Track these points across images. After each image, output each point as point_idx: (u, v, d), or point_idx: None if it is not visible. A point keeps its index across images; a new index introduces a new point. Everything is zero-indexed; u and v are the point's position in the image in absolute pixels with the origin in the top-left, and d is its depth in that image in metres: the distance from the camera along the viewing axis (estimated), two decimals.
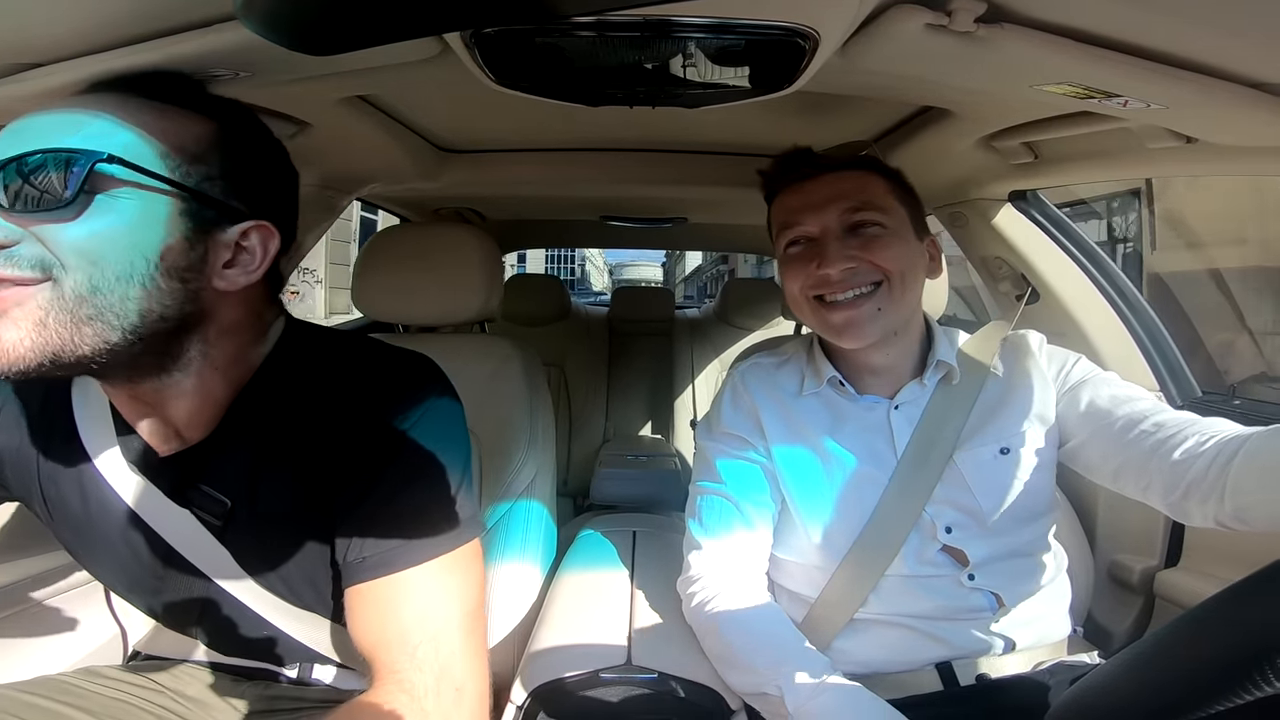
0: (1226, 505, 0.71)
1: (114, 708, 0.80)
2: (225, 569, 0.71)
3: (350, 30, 0.40)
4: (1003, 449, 0.90)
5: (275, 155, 0.70)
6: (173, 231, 0.59)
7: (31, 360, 0.55)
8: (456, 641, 0.64)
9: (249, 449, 0.68)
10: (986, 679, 0.87)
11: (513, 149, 1.51)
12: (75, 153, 0.55)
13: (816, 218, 0.90)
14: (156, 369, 0.63)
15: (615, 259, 43.20)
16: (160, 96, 0.62)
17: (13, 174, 0.54)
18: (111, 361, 0.58)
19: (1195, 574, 1.11)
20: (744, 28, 0.66)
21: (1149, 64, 0.65)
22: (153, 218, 0.58)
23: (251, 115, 0.69)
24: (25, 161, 0.54)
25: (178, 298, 0.60)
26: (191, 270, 0.60)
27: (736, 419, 0.98)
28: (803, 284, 0.91)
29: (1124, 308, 1.30)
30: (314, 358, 0.72)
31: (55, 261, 0.55)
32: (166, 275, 0.59)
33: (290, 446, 0.68)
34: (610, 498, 1.94)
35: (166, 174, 0.58)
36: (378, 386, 0.70)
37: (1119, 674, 0.47)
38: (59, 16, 0.64)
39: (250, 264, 0.65)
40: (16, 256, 0.54)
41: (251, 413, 0.69)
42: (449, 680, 0.62)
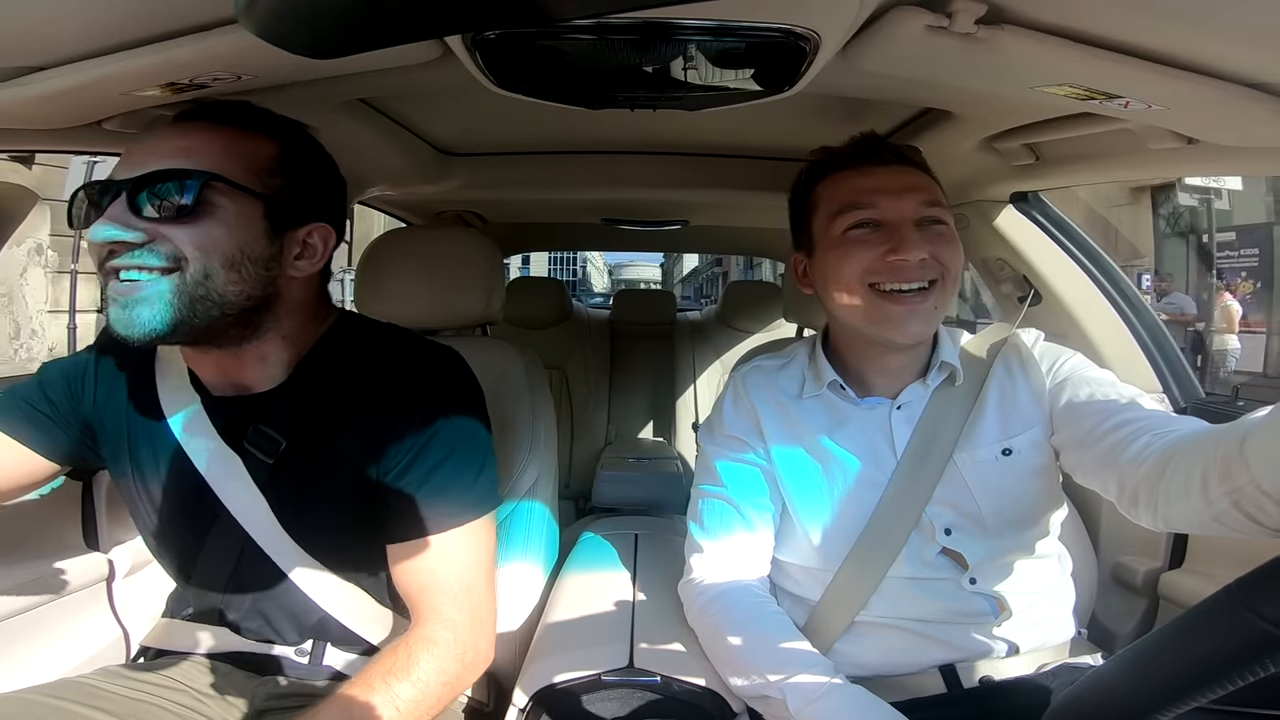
0: (1159, 513, 0.70)
1: (136, 708, 0.80)
2: (262, 521, 0.82)
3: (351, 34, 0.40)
4: (1004, 450, 0.90)
5: (328, 167, 0.86)
6: (258, 231, 0.76)
7: (159, 332, 0.71)
8: (483, 587, 0.82)
9: (305, 403, 0.82)
10: (990, 681, 0.87)
11: (514, 152, 1.52)
12: (191, 173, 0.71)
13: (893, 203, 0.87)
14: (240, 338, 0.79)
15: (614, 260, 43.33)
16: (236, 123, 0.77)
17: (145, 190, 0.70)
18: (211, 331, 0.75)
19: (1199, 575, 1.11)
20: (744, 30, 0.66)
21: (1150, 65, 0.65)
22: (244, 220, 0.75)
23: (307, 135, 0.85)
24: (160, 181, 0.71)
25: (261, 282, 0.77)
26: (271, 261, 0.78)
27: (736, 421, 0.98)
28: (866, 268, 0.87)
29: (1126, 309, 1.30)
30: (362, 338, 0.88)
31: (181, 255, 0.71)
32: (254, 264, 0.76)
33: (340, 406, 0.82)
34: (612, 500, 1.94)
35: (251, 187, 0.75)
36: (421, 366, 0.85)
37: (1117, 672, 0.47)
38: (59, 21, 0.64)
39: (313, 256, 0.82)
40: (152, 252, 0.71)
41: (309, 375, 0.84)
42: (479, 617, 0.81)
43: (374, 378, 0.83)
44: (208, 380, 0.84)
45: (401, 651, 0.76)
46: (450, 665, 0.77)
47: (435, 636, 0.77)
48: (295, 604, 0.85)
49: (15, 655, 1.02)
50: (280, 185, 0.77)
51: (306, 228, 0.81)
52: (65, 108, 0.82)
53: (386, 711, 0.71)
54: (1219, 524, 0.62)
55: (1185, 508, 0.65)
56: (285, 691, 0.84)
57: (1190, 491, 0.63)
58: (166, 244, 0.71)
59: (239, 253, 0.74)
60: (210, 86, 0.76)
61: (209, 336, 0.76)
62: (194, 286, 0.72)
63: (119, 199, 0.71)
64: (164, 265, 0.71)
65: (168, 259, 0.71)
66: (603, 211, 2.14)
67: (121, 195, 0.71)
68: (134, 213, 0.70)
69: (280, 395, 0.83)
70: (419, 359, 0.86)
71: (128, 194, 0.71)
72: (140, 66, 0.69)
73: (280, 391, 0.83)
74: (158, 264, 0.71)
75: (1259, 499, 0.56)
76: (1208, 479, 0.61)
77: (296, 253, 0.80)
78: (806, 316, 1.47)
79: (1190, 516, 0.65)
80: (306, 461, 0.81)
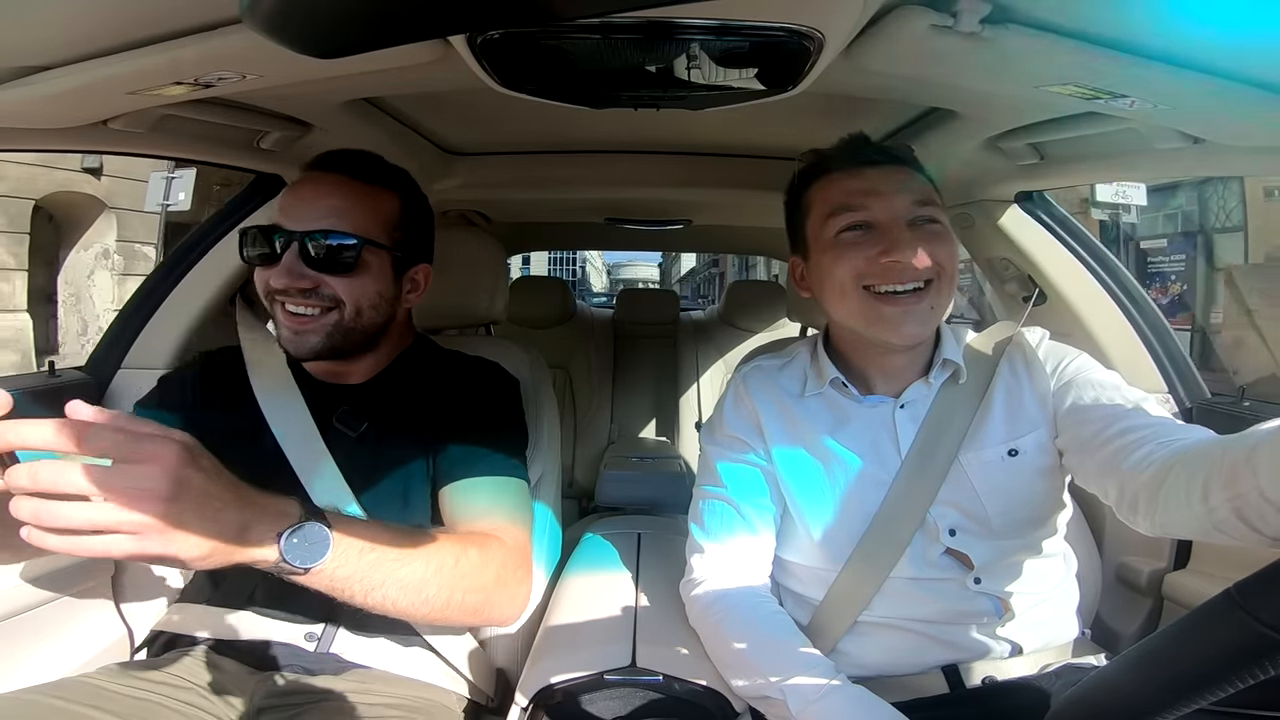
0: (1157, 520, 0.70)
1: (137, 706, 0.81)
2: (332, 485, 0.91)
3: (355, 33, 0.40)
4: (1010, 451, 0.90)
5: (429, 214, 1.06)
6: (389, 277, 0.97)
7: (319, 353, 0.93)
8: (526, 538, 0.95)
9: (387, 396, 1.00)
10: (992, 681, 0.87)
11: (518, 151, 1.52)
12: (351, 237, 0.91)
13: (885, 204, 0.87)
14: (362, 351, 0.99)
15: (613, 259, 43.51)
16: (371, 179, 0.96)
17: (313, 247, 0.89)
18: (349, 349, 0.96)
19: (1204, 576, 1.11)
20: (748, 29, 0.66)
21: (1154, 64, 0.65)
22: (380, 269, 0.95)
23: (418, 187, 1.03)
24: (324, 239, 0.90)
25: (386, 313, 0.98)
26: (395, 299, 0.99)
27: (737, 422, 0.98)
28: (859, 269, 0.87)
29: (1131, 309, 1.29)
30: (434, 354, 1.09)
31: (339, 298, 0.92)
32: (385, 302, 0.97)
33: (414, 402, 0.99)
34: (615, 500, 1.94)
35: (386, 243, 0.95)
36: (477, 368, 1.07)
37: (1119, 673, 0.47)
38: (66, 20, 0.64)
39: (418, 290, 1.03)
40: (319, 295, 0.91)
41: (393, 376, 1.03)
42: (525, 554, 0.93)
43: (444, 374, 1.03)
44: (315, 372, 1.02)
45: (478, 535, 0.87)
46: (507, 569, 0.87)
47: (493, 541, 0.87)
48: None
49: (20, 652, 1.03)
50: (400, 238, 0.97)
51: (416, 268, 1.01)
52: (71, 107, 0.83)
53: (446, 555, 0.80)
54: (1218, 531, 0.62)
55: (1185, 514, 0.65)
56: (284, 689, 0.86)
57: (1191, 498, 0.63)
58: (329, 290, 0.91)
59: (378, 296, 0.95)
60: (216, 86, 0.77)
61: (345, 353, 0.96)
62: (349, 321, 0.93)
63: (290, 249, 0.89)
64: (325, 305, 0.92)
65: (329, 300, 0.91)
66: (606, 211, 2.14)
67: (293, 246, 0.89)
68: (305, 263, 0.90)
69: (369, 387, 1.02)
70: (476, 361, 1.08)
71: (299, 247, 0.89)
72: (146, 66, 0.70)
73: (370, 385, 1.02)
74: (321, 304, 0.91)
75: (1261, 506, 0.56)
76: (1210, 486, 0.61)
77: (409, 288, 1.01)
78: (810, 316, 1.47)
79: (1189, 523, 0.66)
80: (381, 440, 0.96)
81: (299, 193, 0.93)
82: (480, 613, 0.86)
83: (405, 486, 0.95)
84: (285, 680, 0.87)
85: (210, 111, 0.99)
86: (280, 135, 1.12)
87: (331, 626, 0.91)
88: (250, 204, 1.36)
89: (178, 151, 1.14)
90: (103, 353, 1.35)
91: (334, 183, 0.93)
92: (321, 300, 0.91)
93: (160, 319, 1.33)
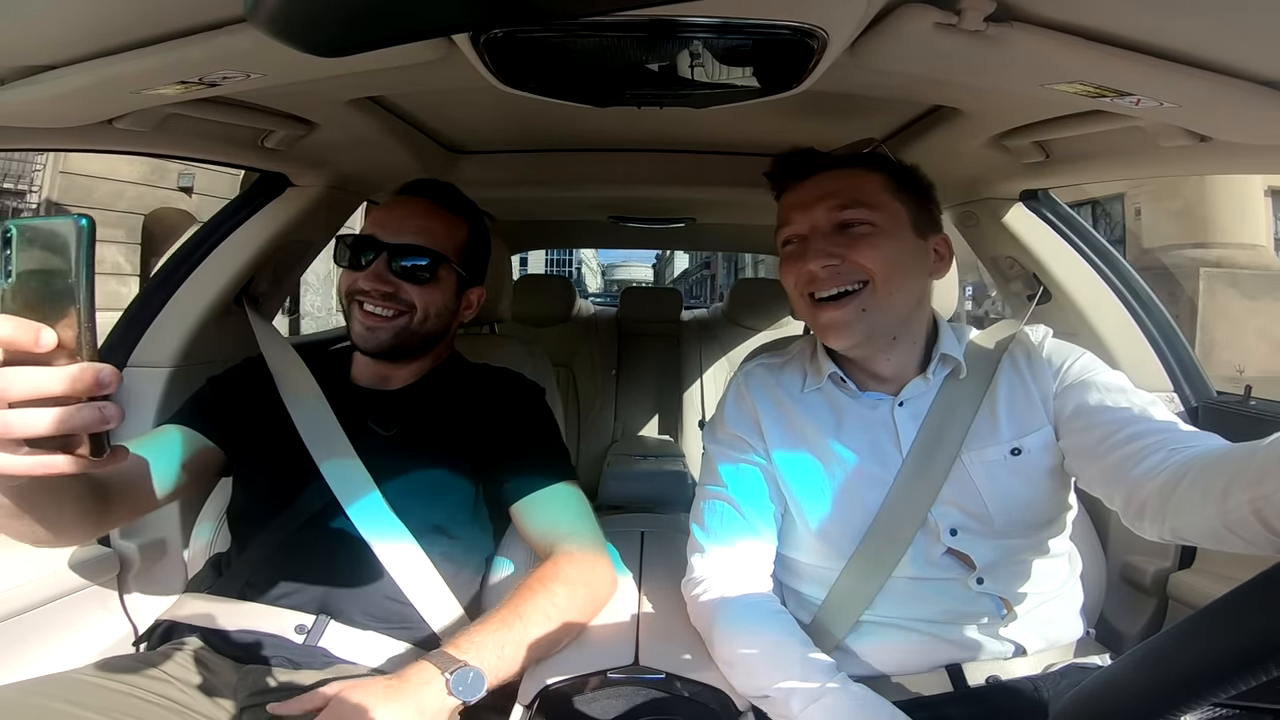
0: (1166, 524, 0.70)
1: (121, 702, 0.82)
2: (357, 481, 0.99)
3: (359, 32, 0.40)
4: (1014, 450, 0.89)
5: (489, 244, 1.19)
6: (452, 294, 1.10)
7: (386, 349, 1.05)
8: (594, 526, 1.02)
9: (424, 401, 1.09)
10: (996, 681, 0.86)
11: (521, 150, 1.52)
12: (432, 254, 1.05)
13: (805, 216, 0.91)
14: (416, 355, 1.10)
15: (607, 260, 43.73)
16: (449, 207, 1.10)
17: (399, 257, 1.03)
18: (409, 351, 1.08)
19: (1209, 576, 1.10)
20: (752, 27, 0.66)
21: (1161, 62, 0.64)
22: (448, 285, 1.08)
23: (480, 215, 1.17)
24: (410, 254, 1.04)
25: (445, 324, 1.10)
26: (454, 313, 1.12)
27: (738, 421, 0.98)
28: (795, 280, 0.92)
29: (1137, 307, 1.29)
30: (467, 365, 1.18)
31: (414, 303, 1.04)
32: (447, 314, 1.10)
33: (449, 403, 1.09)
34: (618, 498, 1.95)
35: (457, 263, 1.08)
36: (513, 378, 1.16)
37: (1127, 672, 0.47)
38: (70, 20, 0.65)
39: (472, 308, 1.15)
40: (396, 300, 1.03)
41: (432, 382, 1.12)
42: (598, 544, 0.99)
43: (481, 383, 1.13)
44: (361, 378, 1.12)
45: (547, 567, 0.92)
46: (588, 575, 0.94)
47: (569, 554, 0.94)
48: (340, 567, 0.96)
49: (25, 650, 1.04)
50: (465, 261, 1.10)
51: (473, 290, 1.14)
52: (77, 106, 0.83)
53: (545, 603, 0.86)
54: (1230, 533, 0.62)
55: (1199, 515, 0.65)
56: (268, 689, 0.87)
57: (1208, 499, 0.63)
58: (406, 295, 1.03)
59: (444, 307, 1.08)
60: (220, 85, 0.77)
61: (405, 353, 1.07)
62: (415, 325, 1.05)
63: (380, 257, 1.02)
64: (400, 309, 1.03)
65: (404, 305, 1.03)
66: (609, 209, 2.14)
67: (383, 254, 1.02)
68: (390, 271, 1.02)
69: (406, 393, 1.10)
70: (507, 380, 1.16)
71: (388, 257, 1.02)
72: (152, 65, 0.70)
73: (406, 390, 1.11)
74: (396, 307, 1.03)
75: None
76: (1233, 486, 0.61)
77: (465, 306, 1.14)
78: None
79: (1201, 525, 0.65)
80: (412, 442, 1.04)
81: (393, 210, 1.07)
82: (587, 622, 0.93)
83: (433, 486, 1.02)
84: (270, 678, 0.88)
85: (214, 110, 0.99)
86: (284, 134, 1.12)
87: (323, 619, 0.93)
88: (253, 203, 1.36)
89: (182, 150, 1.15)
90: (107, 351, 1.35)
91: (423, 206, 1.07)
92: (398, 304, 1.03)
93: (165, 318, 1.34)
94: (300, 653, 0.91)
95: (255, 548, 0.99)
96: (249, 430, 1.07)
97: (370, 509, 0.98)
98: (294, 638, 0.92)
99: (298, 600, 0.95)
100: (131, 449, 0.92)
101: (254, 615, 0.94)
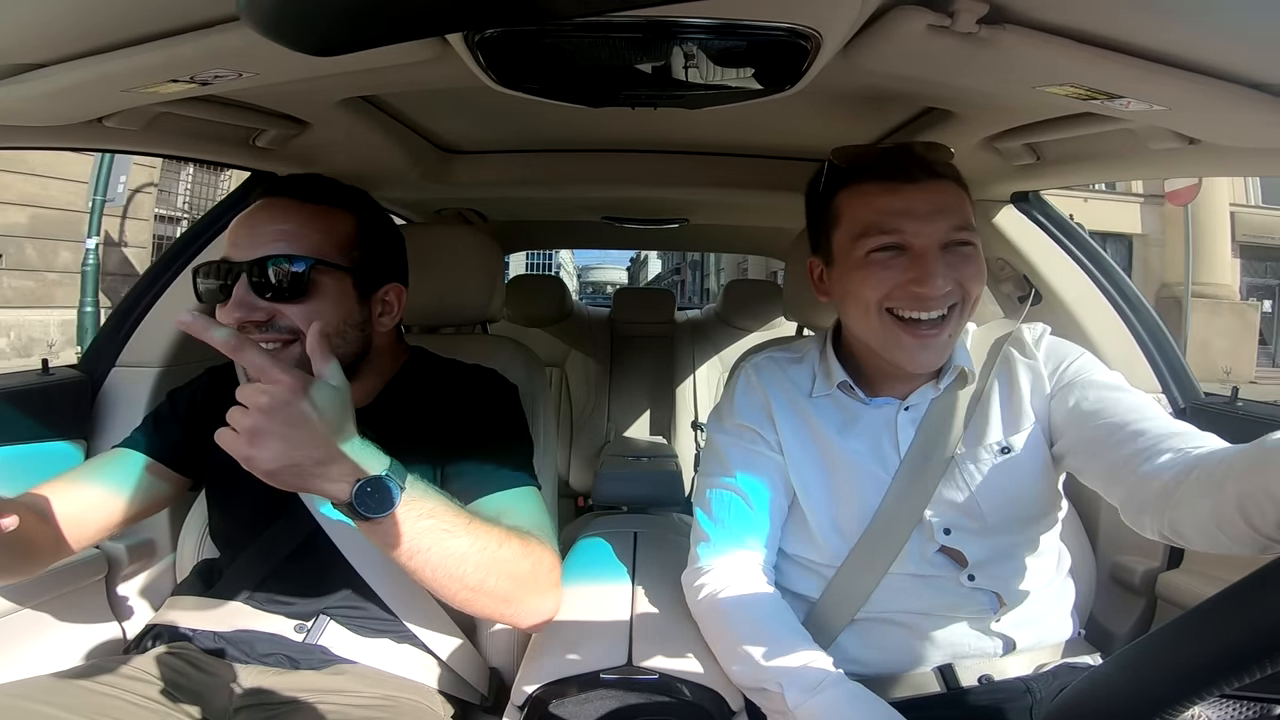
0: (1166, 519, 0.70)
1: (105, 704, 0.80)
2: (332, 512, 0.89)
3: (352, 31, 0.40)
4: (1004, 448, 0.90)
5: (393, 231, 1.01)
6: (351, 301, 0.90)
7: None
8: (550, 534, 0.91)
9: (387, 420, 0.94)
10: (988, 680, 0.87)
11: (515, 150, 1.51)
12: (297, 259, 0.85)
13: (922, 229, 0.83)
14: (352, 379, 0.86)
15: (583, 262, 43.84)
16: (320, 199, 0.90)
17: (261, 275, 0.83)
18: None
19: (1197, 576, 1.11)
20: (746, 28, 0.66)
21: (1151, 65, 0.65)
22: (340, 292, 0.89)
23: (375, 204, 0.99)
24: (271, 265, 0.84)
25: (357, 340, 0.93)
26: (365, 323, 0.93)
27: (749, 411, 0.97)
28: (886, 293, 0.85)
29: (1126, 310, 1.30)
30: (431, 367, 1.05)
31: (296, 328, 0.84)
32: (352, 329, 0.91)
33: (416, 422, 0.96)
34: (611, 499, 1.94)
35: (343, 264, 0.89)
36: (477, 378, 1.04)
37: (1119, 671, 0.47)
38: (60, 17, 0.64)
39: (392, 311, 0.97)
40: (275, 327, 0.85)
41: (390, 399, 1.00)
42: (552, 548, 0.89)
43: (442, 390, 1.00)
44: None
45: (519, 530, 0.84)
46: (537, 559, 0.84)
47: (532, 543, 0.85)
48: (326, 578, 0.93)
49: (12, 652, 1.02)
50: (360, 257, 0.91)
51: (384, 288, 0.96)
52: (66, 105, 0.82)
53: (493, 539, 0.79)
54: (1219, 530, 0.63)
55: (1196, 513, 0.66)
56: (263, 689, 0.86)
57: (1205, 495, 0.64)
58: (285, 320, 0.85)
59: (342, 322, 0.89)
60: (212, 84, 0.76)
61: None
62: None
63: (240, 281, 0.83)
64: (285, 339, 0.85)
65: (287, 333, 0.85)
66: (603, 209, 2.14)
67: (241, 277, 0.83)
68: (255, 294, 0.84)
69: (372, 410, 0.97)
70: (476, 372, 1.05)
71: (247, 278, 0.83)
72: (143, 63, 0.69)
73: (372, 407, 0.98)
74: (279, 337, 0.85)
75: (1263, 501, 0.57)
76: (1225, 483, 0.62)
77: (379, 311, 0.96)
78: (807, 315, 1.47)
79: (1196, 522, 0.66)
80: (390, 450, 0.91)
81: (247, 222, 0.88)
82: (510, 602, 0.82)
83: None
84: (266, 679, 0.87)
85: (206, 109, 0.98)
86: (276, 133, 1.11)
87: (323, 618, 0.92)
88: (245, 202, 1.35)
89: (172, 149, 1.14)
90: (96, 351, 1.34)
91: (281, 206, 0.89)
92: (280, 333, 0.85)
93: (154, 317, 1.33)
94: (298, 650, 0.90)
95: (241, 575, 0.96)
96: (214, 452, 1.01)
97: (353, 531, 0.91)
98: (293, 635, 0.91)
99: (297, 604, 0.93)
100: (86, 472, 0.96)
101: (253, 617, 0.92)
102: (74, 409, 1.25)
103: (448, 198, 1.69)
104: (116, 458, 0.97)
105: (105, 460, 0.97)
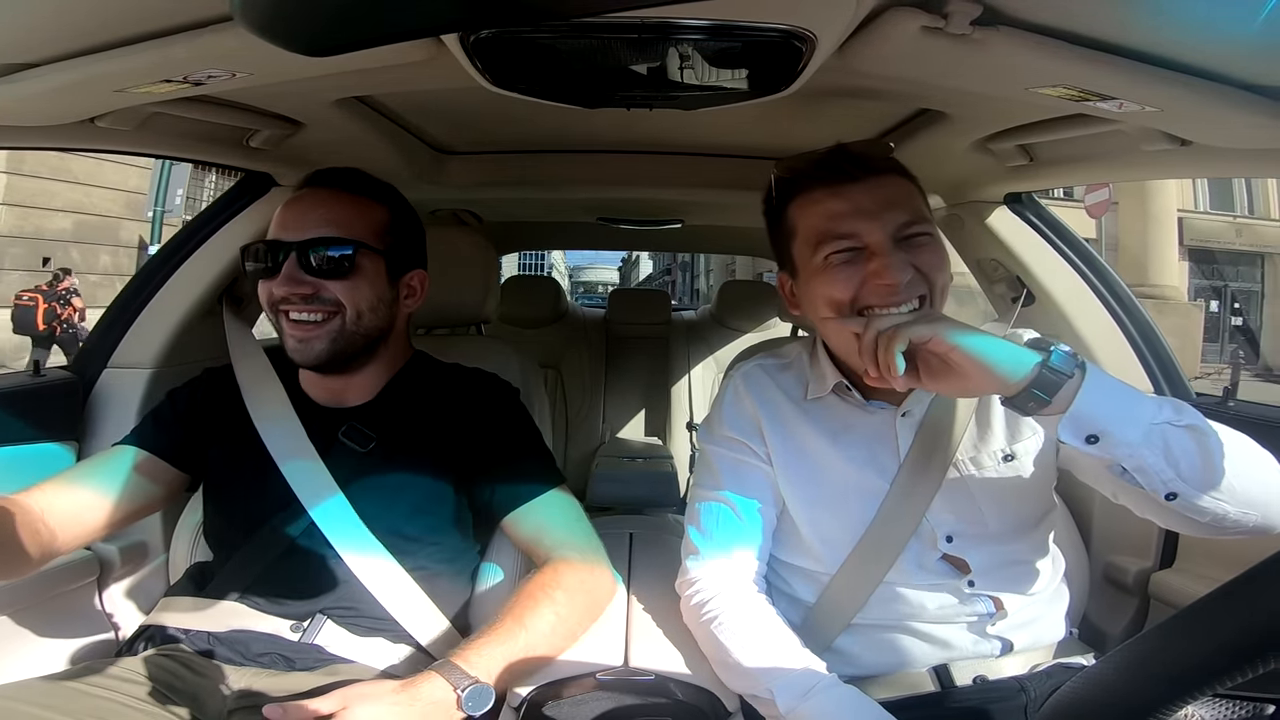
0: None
1: (97, 707, 0.80)
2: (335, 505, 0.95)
3: (346, 32, 0.40)
4: (1006, 455, 0.90)
5: (419, 224, 1.09)
6: (384, 281, 0.99)
7: (325, 358, 0.95)
8: (588, 526, 1.01)
9: (392, 414, 1.02)
10: (983, 680, 0.87)
11: (510, 150, 1.51)
12: (345, 242, 0.95)
13: (872, 226, 0.82)
14: (363, 362, 1.01)
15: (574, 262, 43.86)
16: (360, 191, 1.00)
17: (312, 254, 0.93)
18: (352, 355, 0.98)
19: (1190, 575, 1.12)
20: (742, 30, 0.66)
21: (1143, 66, 0.65)
22: (376, 273, 0.98)
23: (404, 199, 1.07)
24: (320, 246, 0.94)
25: (385, 317, 1.01)
26: (393, 302, 1.02)
27: (736, 422, 0.97)
28: (854, 293, 0.83)
29: (1119, 310, 1.30)
30: (432, 370, 1.09)
31: (340, 301, 0.94)
32: (384, 305, 1.00)
33: (419, 414, 1.02)
34: (607, 500, 1.94)
35: (379, 248, 0.98)
36: (486, 387, 1.08)
37: (1112, 670, 0.47)
38: (52, 17, 0.64)
39: (415, 295, 1.06)
40: (320, 301, 0.94)
41: (395, 393, 1.05)
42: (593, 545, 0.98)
43: (451, 390, 1.06)
44: (316, 396, 1.04)
45: (547, 574, 0.91)
46: (588, 582, 0.92)
47: (568, 561, 0.93)
48: (320, 578, 0.94)
49: (3, 655, 1.02)
50: (392, 243, 1.00)
51: (410, 273, 1.04)
52: (58, 105, 0.82)
53: (548, 612, 0.86)
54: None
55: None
56: (257, 690, 0.86)
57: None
58: (329, 294, 0.94)
59: (376, 299, 0.98)
60: (205, 84, 0.76)
61: (349, 359, 0.98)
62: (350, 325, 0.96)
63: (290, 258, 0.93)
64: (328, 311, 0.94)
65: (330, 305, 0.94)
66: (599, 210, 2.13)
67: (291, 255, 0.93)
68: (304, 270, 0.93)
69: (375, 405, 1.03)
70: (482, 373, 1.10)
71: (297, 256, 0.93)
72: (135, 64, 0.69)
73: (375, 403, 1.04)
74: (323, 309, 0.94)
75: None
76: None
77: (405, 294, 1.04)
78: (801, 316, 1.47)
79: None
80: (392, 458, 0.99)
81: (294, 207, 0.97)
82: (591, 624, 0.92)
83: (414, 501, 0.99)
84: (260, 680, 0.87)
85: (199, 109, 0.98)
86: (270, 133, 1.11)
87: (320, 618, 0.93)
88: (238, 203, 1.35)
89: (165, 150, 1.14)
90: (88, 352, 1.34)
91: (326, 195, 0.98)
92: (324, 305, 0.94)
93: (147, 318, 1.32)
94: (293, 649, 0.90)
95: (235, 575, 0.96)
96: (213, 450, 1.02)
97: (350, 531, 0.94)
98: (289, 635, 0.91)
99: (293, 605, 0.94)
100: (82, 471, 0.98)
101: (249, 617, 0.92)
102: (65, 410, 1.25)
103: (443, 198, 1.68)
104: (114, 456, 0.98)
105: (102, 460, 0.99)
